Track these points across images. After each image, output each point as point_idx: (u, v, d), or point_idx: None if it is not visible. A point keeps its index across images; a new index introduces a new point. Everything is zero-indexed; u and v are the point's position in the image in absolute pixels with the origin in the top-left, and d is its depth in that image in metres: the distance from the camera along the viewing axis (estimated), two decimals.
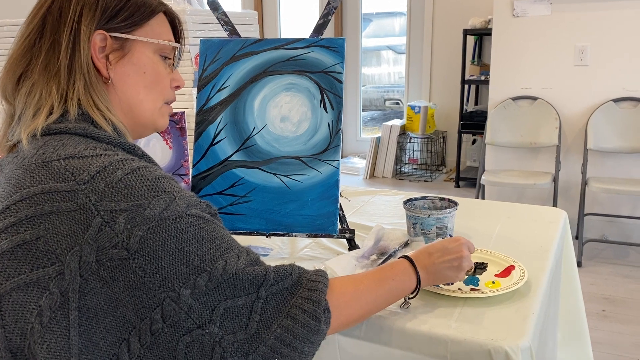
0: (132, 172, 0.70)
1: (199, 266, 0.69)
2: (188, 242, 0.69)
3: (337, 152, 1.16)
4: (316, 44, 1.20)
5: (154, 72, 0.84)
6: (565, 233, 1.38)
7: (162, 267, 0.67)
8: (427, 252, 0.92)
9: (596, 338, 2.15)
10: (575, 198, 3.16)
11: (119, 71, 0.81)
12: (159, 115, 0.87)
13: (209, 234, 0.72)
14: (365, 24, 5.47)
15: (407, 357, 0.89)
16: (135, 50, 0.82)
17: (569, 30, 3.09)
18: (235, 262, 0.71)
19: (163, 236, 0.67)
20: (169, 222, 0.68)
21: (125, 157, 0.72)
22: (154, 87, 0.84)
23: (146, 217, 0.67)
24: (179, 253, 0.68)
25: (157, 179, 0.71)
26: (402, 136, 4.76)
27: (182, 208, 0.70)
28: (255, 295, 0.71)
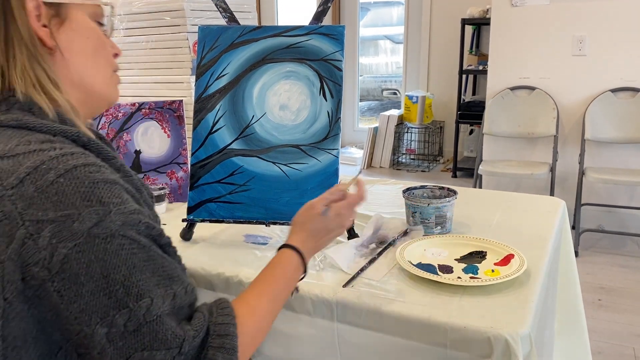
0: (67, 173, 0.60)
1: (122, 300, 0.60)
2: (116, 268, 0.60)
3: (336, 141, 1.16)
4: (315, 32, 1.19)
5: (97, 37, 0.75)
6: (564, 222, 1.38)
7: (82, 295, 0.59)
8: (312, 238, 0.88)
9: (592, 327, 2.16)
10: (572, 188, 3.17)
11: (63, 39, 0.72)
12: (112, 85, 0.79)
13: (141, 263, 0.63)
14: (362, 13, 5.44)
15: (407, 345, 0.89)
16: (72, 15, 0.73)
17: (568, 20, 3.08)
18: (161, 304, 0.63)
19: (89, 257, 0.59)
20: (98, 240, 0.60)
21: (63, 152, 0.63)
22: (100, 53, 0.76)
23: (73, 232, 0.58)
24: (103, 280, 0.59)
25: (94, 184, 0.61)
26: (399, 126, 4.75)
27: (116, 226, 0.61)
28: (177, 350, 0.63)
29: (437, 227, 1.19)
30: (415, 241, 1.12)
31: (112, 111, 1.49)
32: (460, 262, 1.05)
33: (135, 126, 1.50)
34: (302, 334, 0.98)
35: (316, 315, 0.96)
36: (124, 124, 1.49)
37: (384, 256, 1.10)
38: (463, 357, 0.85)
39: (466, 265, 1.03)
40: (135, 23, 1.82)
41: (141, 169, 1.51)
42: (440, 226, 1.19)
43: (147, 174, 1.51)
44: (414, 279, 0.99)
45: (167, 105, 1.52)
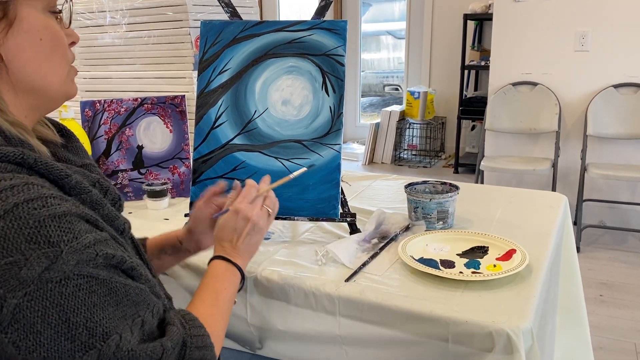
0: (7, 214, 0.54)
1: (87, 342, 0.56)
2: (75, 310, 0.56)
3: (338, 136, 1.16)
4: (318, 27, 1.19)
5: (52, 35, 0.67)
6: (566, 218, 1.38)
7: (41, 344, 0.54)
8: (228, 242, 0.88)
9: (594, 323, 2.17)
10: (574, 184, 3.17)
11: (11, 46, 0.63)
12: (69, 83, 0.71)
13: (102, 299, 0.58)
14: (364, 8, 5.43)
15: (409, 340, 0.89)
16: (22, 13, 0.64)
17: (570, 15, 3.07)
18: (130, 337, 0.60)
19: (43, 304, 0.54)
20: (52, 285, 0.54)
21: (2, 186, 0.56)
22: (55, 52, 0.68)
23: (22, 280, 0.53)
24: (62, 325, 0.55)
25: (39, 223, 0.55)
26: (401, 122, 4.75)
27: (70, 267, 0.56)
28: None
29: (439, 222, 1.19)
30: (417, 236, 1.12)
31: (115, 106, 1.49)
32: (462, 257, 1.05)
33: (137, 121, 1.50)
34: (305, 328, 0.98)
35: (318, 310, 0.96)
36: (126, 119, 1.49)
37: (386, 251, 1.10)
38: (465, 352, 0.85)
39: (468, 260, 1.03)
40: (137, 18, 1.82)
41: (143, 164, 1.51)
42: (442, 221, 1.19)
43: (150, 169, 1.51)
44: (415, 274, 1.00)
45: (170, 100, 1.52)
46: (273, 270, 1.02)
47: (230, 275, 0.86)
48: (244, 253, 0.89)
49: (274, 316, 1.01)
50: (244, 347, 1.08)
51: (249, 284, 1.02)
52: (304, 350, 1.01)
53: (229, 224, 0.89)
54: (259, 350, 1.06)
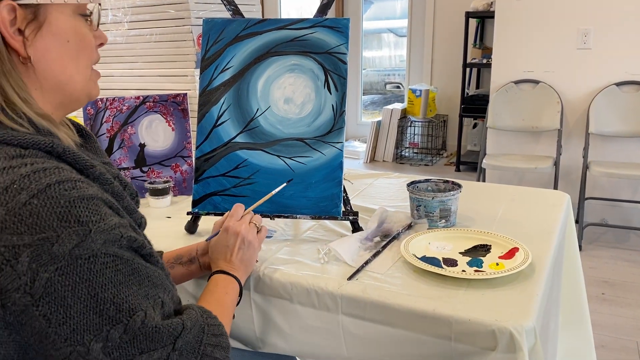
0: (40, 193, 0.57)
1: (114, 316, 0.60)
2: (103, 287, 0.59)
3: (341, 134, 1.16)
4: (320, 24, 1.18)
5: (79, 38, 0.70)
6: (568, 216, 1.38)
7: (71, 317, 0.57)
8: (223, 259, 0.94)
9: (596, 321, 2.17)
10: (576, 182, 3.16)
11: (39, 47, 0.66)
12: (92, 85, 0.75)
13: (127, 278, 0.62)
14: (366, 6, 5.42)
15: (412, 338, 0.89)
16: (52, 17, 0.67)
17: (572, 13, 3.06)
18: (153, 314, 0.64)
19: (74, 279, 0.57)
20: (81, 262, 0.58)
21: (34, 168, 0.59)
22: (81, 54, 0.71)
23: (54, 255, 0.56)
24: (91, 300, 0.58)
25: (70, 203, 0.58)
26: (402, 120, 4.74)
27: (98, 245, 0.59)
28: (171, 347, 0.65)
29: (441, 221, 1.19)
30: (420, 234, 1.12)
31: (117, 104, 1.49)
32: (464, 255, 1.05)
33: (139, 119, 1.50)
34: (307, 326, 0.98)
35: (321, 308, 0.96)
36: (128, 117, 1.49)
37: (389, 249, 1.10)
38: (468, 350, 0.85)
39: (471, 259, 1.03)
40: (139, 16, 1.82)
41: (145, 162, 1.51)
42: (444, 219, 1.19)
43: (152, 167, 1.51)
44: (418, 272, 0.99)
45: (172, 98, 1.51)
46: (275, 268, 1.02)
47: (230, 284, 0.90)
48: (239, 267, 0.93)
49: (276, 314, 1.01)
50: (246, 346, 1.08)
51: (251, 282, 1.02)
52: (305, 349, 1.01)
53: (221, 242, 0.95)
54: (261, 349, 1.06)
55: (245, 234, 0.95)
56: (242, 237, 0.94)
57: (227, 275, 0.91)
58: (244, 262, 0.94)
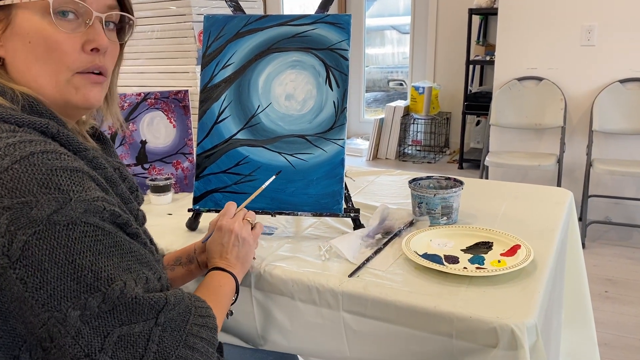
0: (23, 159, 0.58)
1: (92, 284, 0.58)
2: (81, 254, 0.58)
3: (342, 131, 1.16)
4: (322, 21, 1.18)
5: (42, 40, 0.66)
6: (571, 214, 1.37)
7: (48, 282, 0.57)
8: (218, 257, 0.93)
9: (599, 319, 2.16)
10: (580, 179, 3.15)
11: (8, 48, 0.67)
12: (71, 91, 0.70)
13: (107, 249, 0.61)
14: (368, 3, 5.40)
15: (413, 335, 0.89)
16: (17, 17, 0.66)
17: (576, 9, 3.05)
18: (134, 286, 0.62)
19: (51, 244, 0.57)
20: (59, 227, 0.57)
21: (22, 139, 0.60)
22: (48, 57, 0.67)
23: (32, 219, 0.56)
24: (69, 266, 0.57)
25: (52, 171, 0.58)
26: (405, 117, 4.73)
27: (78, 213, 0.59)
28: (153, 321, 0.63)
29: (443, 218, 1.19)
30: (421, 232, 1.12)
31: (118, 101, 1.49)
32: (466, 252, 1.05)
33: (140, 116, 1.50)
34: (309, 323, 0.98)
35: (322, 305, 0.96)
36: (130, 114, 1.49)
37: (390, 246, 1.09)
38: (469, 347, 0.85)
39: (472, 256, 1.03)
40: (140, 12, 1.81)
41: (147, 159, 1.51)
42: (446, 217, 1.19)
43: (153, 164, 1.51)
44: (419, 269, 0.99)
45: (173, 95, 1.51)
46: (276, 265, 1.02)
47: (225, 278, 0.90)
48: (235, 264, 0.92)
49: (277, 311, 1.01)
50: (247, 343, 1.08)
51: (252, 279, 1.02)
52: (306, 346, 1.01)
53: (216, 240, 0.94)
54: (262, 346, 1.06)
55: (239, 231, 0.94)
56: (235, 234, 0.93)
57: (223, 271, 0.91)
58: (239, 259, 0.94)
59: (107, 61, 0.73)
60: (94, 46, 0.70)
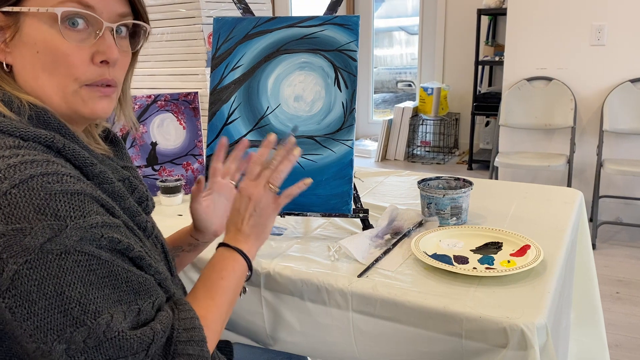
0: (22, 183, 0.56)
1: (78, 318, 0.57)
2: (71, 285, 0.57)
3: (351, 132, 1.16)
4: (330, 22, 1.18)
5: (51, 50, 0.65)
6: (581, 214, 1.36)
7: (35, 313, 0.56)
8: (234, 226, 0.85)
9: (609, 320, 2.15)
10: (590, 180, 3.13)
11: (16, 55, 0.66)
12: (79, 102, 0.68)
13: (100, 279, 0.59)
14: (377, 4, 5.40)
15: (422, 335, 0.89)
16: (25, 25, 0.65)
17: (586, 8, 3.03)
18: (122, 319, 0.60)
19: (41, 274, 0.55)
20: (52, 257, 0.56)
21: (23, 159, 0.58)
22: (55, 68, 0.66)
23: (25, 247, 0.55)
24: (57, 298, 0.56)
25: (50, 196, 0.57)
26: (414, 118, 4.73)
27: (72, 242, 0.57)
28: (144, 354, 0.62)
29: (452, 218, 1.19)
30: (431, 232, 1.12)
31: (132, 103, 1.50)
32: (475, 252, 1.05)
33: (151, 118, 1.51)
34: (318, 323, 0.99)
35: (331, 305, 0.97)
36: (140, 116, 1.50)
37: (399, 247, 1.09)
38: (478, 347, 0.85)
39: (482, 256, 1.03)
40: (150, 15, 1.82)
41: (157, 161, 1.52)
42: (455, 217, 1.19)
43: (164, 165, 1.52)
44: (429, 270, 0.99)
45: (183, 97, 1.52)
46: (286, 265, 1.03)
47: (231, 263, 0.82)
48: (249, 236, 0.84)
49: (286, 311, 1.02)
50: (257, 343, 1.08)
51: (262, 280, 1.03)
52: (316, 346, 1.01)
53: (235, 205, 0.86)
54: (271, 346, 1.06)
55: (259, 199, 0.84)
56: (254, 202, 0.84)
57: (231, 251, 0.83)
58: (255, 230, 0.84)
59: (117, 72, 0.71)
60: (104, 58, 0.68)
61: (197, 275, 1.11)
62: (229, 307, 0.80)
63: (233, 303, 0.81)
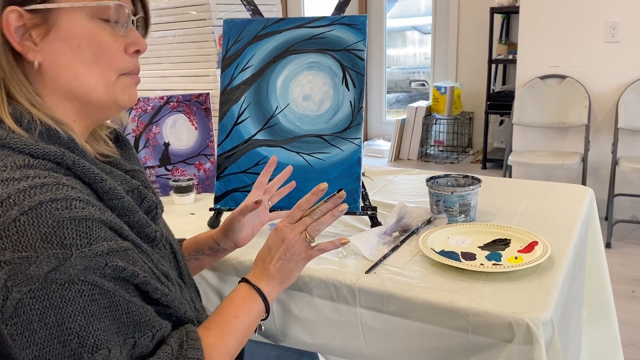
0: (30, 210, 0.56)
1: (76, 350, 0.57)
2: (72, 316, 0.57)
3: (359, 130, 1.17)
4: (338, 22, 1.20)
5: (93, 43, 0.67)
6: (592, 211, 1.36)
7: (34, 343, 0.56)
8: (262, 262, 0.84)
9: (624, 319, 2.13)
10: (605, 178, 3.10)
11: (47, 52, 0.66)
12: (118, 91, 0.71)
13: (101, 310, 0.59)
14: (389, 4, 5.40)
15: (429, 330, 0.90)
16: (62, 21, 0.65)
17: (600, 5, 3.00)
18: (119, 354, 0.60)
19: (44, 304, 0.56)
20: (55, 287, 0.56)
21: (33, 183, 0.58)
22: (97, 60, 0.68)
23: (29, 276, 0.55)
24: (57, 328, 0.56)
25: (58, 224, 0.57)
26: (427, 117, 4.72)
27: (76, 271, 0.57)
28: None
29: (461, 216, 1.19)
30: (439, 229, 1.13)
31: (141, 104, 1.53)
32: (483, 249, 1.05)
33: (163, 119, 1.54)
34: (326, 319, 1.00)
35: (339, 301, 0.98)
36: (153, 117, 1.53)
37: (407, 244, 1.10)
38: (485, 342, 0.85)
39: (489, 253, 1.03)
40: (162, 18, 1.86)
41: (170, 161, 1.54)
42: (464, 214, 1.19)
43: (176, 165, 1.55)
44: (436, 266, 1.00)
45: (195, 98, 1.55)
46: None
47: (249, 303, 0.81)
48: (274, 278, 0.83)
49: (295, 307, 1.03)
50: (267, 339, 1.10)
51: None
52: (324, 341, 1.02)
53: (268, 242, 0.85)
54: (281, 342, 1.08)
55: (292, 244, 0.82)
56: (287, 246, 0.82)
57: (251, 289, 0.82)
58: (280, 274, 0.83)
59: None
60: (137, 48, 0.72)
61: (214, 277, 1.13)
62: (238, 348, 0.79)
63: (243, 344, 0.80)
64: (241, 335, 0.79)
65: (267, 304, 0.82)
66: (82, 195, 0.61)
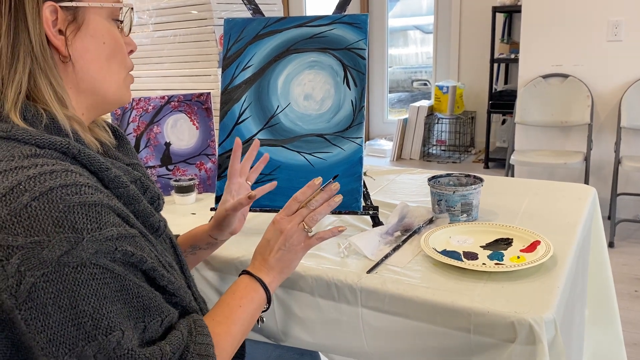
0: (41, 196, 0.57)
1: (90, 332, 0.58)
2: (85, 299, 0.58)
3: (360, 130, 1.17)
4: (339, 21, 1.19)
5: (113, 41, 0.73)
6: (595, 210, 1.35)
7: (49, 326, 0.57)
8: (260, 255, 0.86)
9: (627, 318, 2.12)
10: (608, 177, 3.09)
11: (78, 47, 0.69)
12: (125, 88, 0.77)
13: (113, 293, 0.61)
14: (391, 3, 5.40)
15: (431, 330, 0.89)
16: (89, 19, 0.70)
17: (602, 4, 2.99)
18: (131, 336, 0.61)
19: (57, 287, 0.57)
20: (68, 270, 0.57)
21: (42, 170, 0.59)
22: (115, 57, 0.74)
23: (42, 260, 0.56)
24: (71, 311, 0.57)
25: (69, 209, 0.58)
26: (429, 117, 4.71)
27: (88, 254, 0.58)
28: None
29: (462, 215, 1.19)
30: (440, 229, 1.12)
31: (143, 104, 1.53)
32: (485, 249, 1.05)
33: (165, 119, 1.54)
34: (328, 319, 0.99)
35: (341, 301, 0.97)
36: (154, 117, 1.53)
37: (409, 243, 1.10)
38: (487, 342, 0.85)
39: (491, 252, 1.03)
40: (163, 17, 1.86)
41: (171, 161, 1.54)
42: (466, 214, 1.19)
43: (177, 165, 1.54)
44: (438, 266, 0.99)
45: (196, 97, 1.54)
46: None
47: (251, 292, 0.83)
48: (273, 269, 0.85)
49: (297, 307, 1.03)
50: (268, 339, 1.09)
51: None
52: (326, 341, 1.02)
53: (266, 235, 0.87)
54: (283, 341, 1.08)
55: (291, 234, 0.85)
56: (285, 237, 0.84)
57: (252, 279, 0.84)
58: (280, 264, 0.86)
59: None
60: (132, 48, 0.78)
61: (214, 277, 1.13)
62: (242, 337, 0.81)
63: (246, 333, 0.82)
64: (245, 324, 0.81)
65: (268, 293, 0.84)
66: (90, 182, 0.62)
